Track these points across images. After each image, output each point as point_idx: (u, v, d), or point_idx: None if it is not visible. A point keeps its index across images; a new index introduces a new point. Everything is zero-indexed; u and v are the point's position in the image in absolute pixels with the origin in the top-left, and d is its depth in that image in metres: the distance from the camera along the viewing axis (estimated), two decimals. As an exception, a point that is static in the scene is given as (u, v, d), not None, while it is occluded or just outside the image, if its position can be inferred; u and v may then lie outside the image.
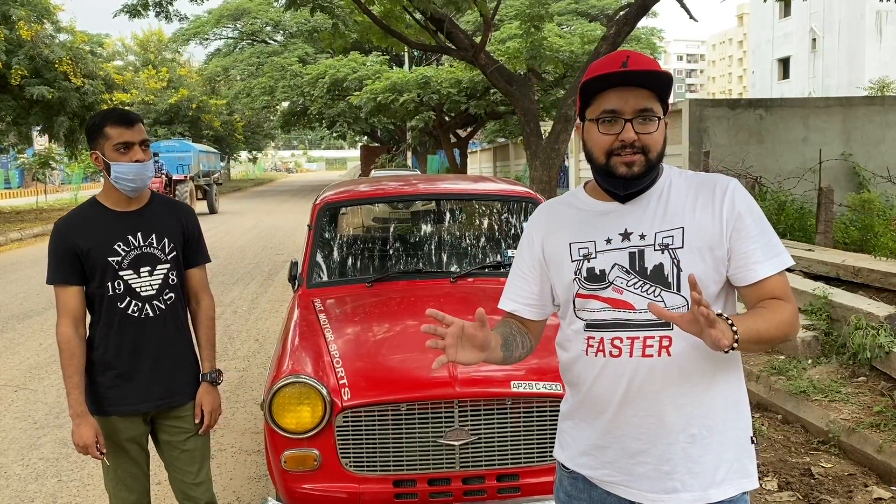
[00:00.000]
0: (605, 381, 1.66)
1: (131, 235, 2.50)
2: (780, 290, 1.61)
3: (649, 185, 1.67)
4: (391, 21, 12.38)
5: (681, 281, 1.60)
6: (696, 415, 1.62)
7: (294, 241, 15.25)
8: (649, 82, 1.60)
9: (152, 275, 2.53)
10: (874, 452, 3.94)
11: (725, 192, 1.64)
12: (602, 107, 1.62)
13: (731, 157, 11.49)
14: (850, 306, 5.40)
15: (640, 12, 10.75)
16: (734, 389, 1.67)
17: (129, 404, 2.54)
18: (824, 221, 8.27)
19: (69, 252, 2.46)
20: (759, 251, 1.61)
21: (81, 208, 2.58)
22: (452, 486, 2.75)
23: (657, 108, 1.62)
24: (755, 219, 1.63)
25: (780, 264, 1.61)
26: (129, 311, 2.50)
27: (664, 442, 1.63)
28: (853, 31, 34.00)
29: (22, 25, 17.69)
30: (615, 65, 1.60)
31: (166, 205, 2.67)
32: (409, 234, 4.62)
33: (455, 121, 27.69)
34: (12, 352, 6.96)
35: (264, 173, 79.80)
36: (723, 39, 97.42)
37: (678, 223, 1.63)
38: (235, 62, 33.01)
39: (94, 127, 2.46)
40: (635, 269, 1.63)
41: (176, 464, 2.67)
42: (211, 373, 2.68)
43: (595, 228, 1.69)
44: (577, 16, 27.37)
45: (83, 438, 2.45)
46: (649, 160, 1.62)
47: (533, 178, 11.55)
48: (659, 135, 1.63)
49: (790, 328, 1.59)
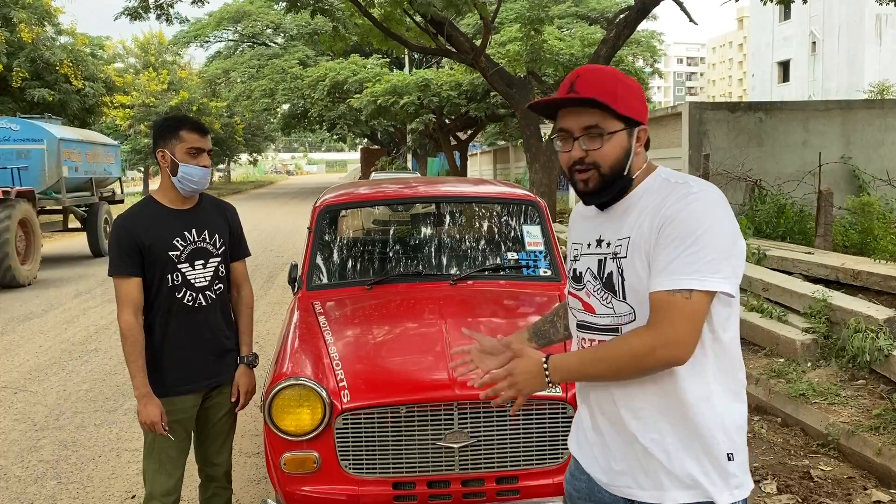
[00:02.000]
0: (579, 392, 1.84)
1: (188, 232, 2.75)
2: (653, 309, 1.55)
3: (619, 196, 1.70)
4: (391, 24, 12.40)
5: (625, 290, 1.64)
6: (651, 426, 1.62)
7: (294, 243, 15.26)
8: (596, 101, 1.62)
9: (205, 267, 2.78)
10: (873, 455, 3.94)
11: (674, 202, 1.59)
12: (558, 125, 1.70)
13: (731, 160, 11.50)
14: (849, 309, 5.40)
15: (640, 15, 10.78)
16: (711, 408, 1.61)
17: (188, 384, 2.77)
18: (824, 224, 8.28)
19: (132, 246, 2.66)
20: (660, 264, 1.55)
21: (140, 206, 2.81)
22: (452, 488, 2.75)
23: (606, 124, 1.64)
24: (682, 231, 1.54)
25: (670, 284, 1.52)
26: (185, 301, 2.74)
27: (624, 441, 1.68)
28: (853, 34, 34.03)
29: (23, 28, 17.72)
30: (565, 87, 1.68)
31: (214, 204, 2.93)
32: (409, 236, 4.62)
33: (455, 123, 27.72)
34: (13, 354, 6.96)
35: (264, 176, 79.87)
36: (723, 42, 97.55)
37: (627, 233, 1.66)
38: (236, 65, 33.06)
39: (169, 128, 2.69)
40: (599, 275, 1.71)
41: (207, 434, 2.92)
42: (249, 356, 2.94)
43: (585, 232, 1.80)
44: (577, 19, 27.42)
45: (150, 416, 2.64)
46: (602, 175, 1.66)
47: (533, 180, 11.57)
48: (610, 149, 1.64)
49: (629, 361, 1.55)
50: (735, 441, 1.64)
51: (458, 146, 30.39)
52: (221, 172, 58.16)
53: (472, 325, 3.36)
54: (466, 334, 1.73)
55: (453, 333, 3.11)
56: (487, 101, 23.45)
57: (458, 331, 3.17)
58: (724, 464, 1.61)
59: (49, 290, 10.25)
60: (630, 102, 1.66)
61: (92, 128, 21.95)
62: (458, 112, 24.95)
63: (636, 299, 1.62)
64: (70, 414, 5.19)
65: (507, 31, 20.59)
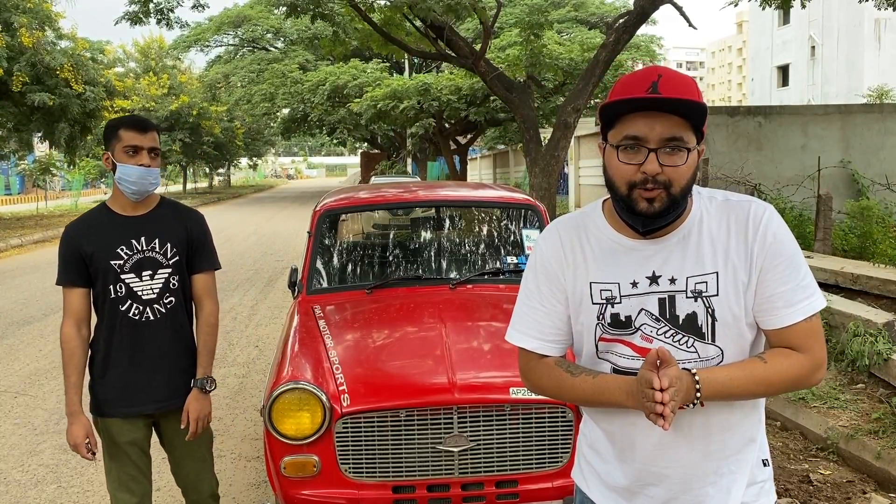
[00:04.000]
0: (638, 430, 1.56)
1: (134, 240, 2.56)
2: (800, 339, 1.48)
3: (673, 220, 1.51)
4: (391, 28, 12.43)
5: (716, 331, 1.49)
6: (725, 459, 1.58)
7: (294, 247, 15.26)
8: (682, 109, 1.43)
9: (153, 279, 2.58)
10: (873, 459, 3.94)
11: (759, 226, 1.49)
12: (625, 131, 1.45)
13: (731, 164, 11.51)
14: (848, 313, 5.41)
15: (640, 20, 10.79)
16: (758, 420, 1.63)
17: (129, 406, 2.59)
18: (823, 228, 8.29)
19: (75, 255, 2.54)
20: (787, 295, 1.47)
21: (90, 213, 2.66)
22: (451, 492, 2.75)
23: (689, 138, 1.44)
24: (787, 257, 1.48)
25: (807, 310, 1.47)
26: (131, 314, 2.56)
27: (697, 486, 1.57)
28: (852, 38, 34.08)
29: (23, 32, 17.72)
30: (643, 85, 1.43)
31: (174, 209, 2.71)
32: (409, 240, 4.63)
33: (455, 127, 27.74)
34: (12, 358, 6.96)
35: (264, 180, 79.89)
36: (722, 47, 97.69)
37: (711, 268, 1.50)
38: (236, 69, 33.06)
39: (110, 129, 2.55)
40: (665, 316, 1.51)
41: (181, 461, 2.75)
42: (202, 379, 2.67)
43: (619, 268, 1.54)
44: (576, 23, 27.47)
45: (74, 438, 2.54)
46: (672, 196, 1.45)
47: (532, 184, 11.57)
48: (687, 168, 1.45)
49: (787, 384, 1.50)
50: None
51: (457, 150, 30.41)
52: (222, 177, 58.20)
53: (472, 330, 3.37)
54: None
55: (453, 337, 3.12)
56: (487, 106, 23.47)
57: (457, 335, 3.18)
58: (762, 470, 1.65)
59: (49, 294, 10.25)
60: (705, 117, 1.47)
61: (93, 132, 21.97)
62: (457, 116, 24.96)
63: (728, 338, 1.50)
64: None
65: (507, 35, 20.63)
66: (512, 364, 2.97)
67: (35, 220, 22.47)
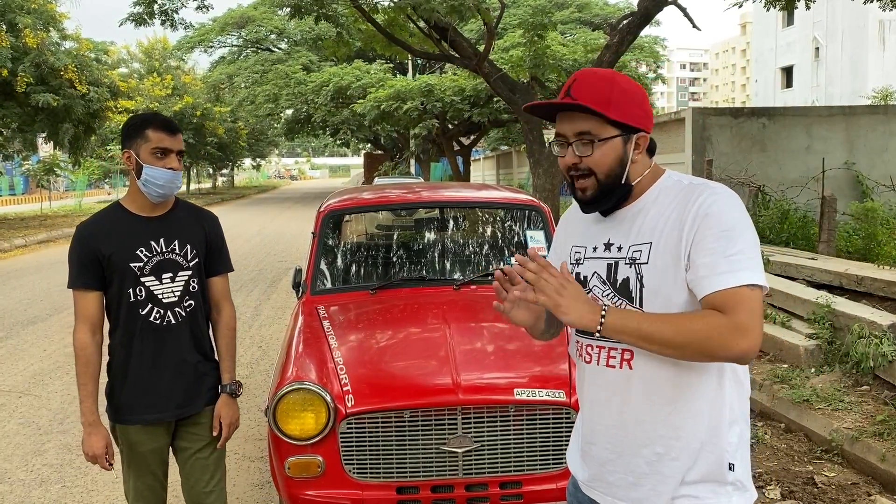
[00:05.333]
0: (585, 386, 1.76)
1: (154, 241, 2.48)
2: (722, 305, 1.49)
3: (619, 203, 1.68)
4: (395, 29, 12.44)
5: (643, 296, 1.60)
6: (660, 434, 1.60)
7: (298, 248, 15.28)
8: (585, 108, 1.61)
9: (174, 281, 2.50)
10: (877, 461, 3.93)
11: (697, 200, 1.57)
12: (556, 129, 1.69)
13: (734, 165, 11.50)
14: (853, 315, 5.40)
15: (643, 21, 10.79)
16: (709, 414, 1.60)
17: (151, 413, 2.51)
18: (827, 230, 8.27)
19: (91, 257, 2.42)
20: (710, 264, 1.51)
21: (105, 212, 2.55)
22: (455, 493, 2.76)
23: (599, 130, 1.61)
24: (719, 229, 1.53)
25: (726, 281, 1.49)
26: (151, 318, 2.47)
27: (629, 454, 1.65)
28: (856, 40, 34.03)
29: (28, 33, 17.75)
30: (562, 92, 1.66)
31: (190, 211, 2.64)
32: (413, 241, 4.64)
33: (458, 128, 27.76)
34: (17, 358, 6.97)
35: (268, 180, 80.00)
36: (726, 48, 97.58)
37: (647, 238, 1.62)
38: (239, 70, 33.10)
39: (135, 127, 2.43)
40: (609, 280, 1.67)
41: (190, 471, 2.63)
42: (231, 384, 2.65)
43: (590, 235, 1.75)
44: (580, 24, 27.48)
45: (93, 448, 2.43)
46: (599, 182, 1.64)
47: (535, 185, 11.58)
48: (601, 156, 1.62)
49: (701, 338, 1.48)
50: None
51: (461, 151, 30.43)
52: (225, 177, 58.28)
53: (475, 331, 3.37)
54: (507, 270, 1.71)
55: (457, 338, 3.12)
56: (490, 107, 23.48)
57: (461, 336, 3.18)
58: (724, 473, 1.62)
59: (53, 294, 10.27)
60: (627, 108, 1.61)
61: (96, 133, 22.00)
62: (461, 117, 24.98)
63: (654, 305, 1.59)
64: (74, 418, 5.19)
65: (511, 36, 20.65)
66: (516, 365, 2.98)
67: (39, 221, 22.52)
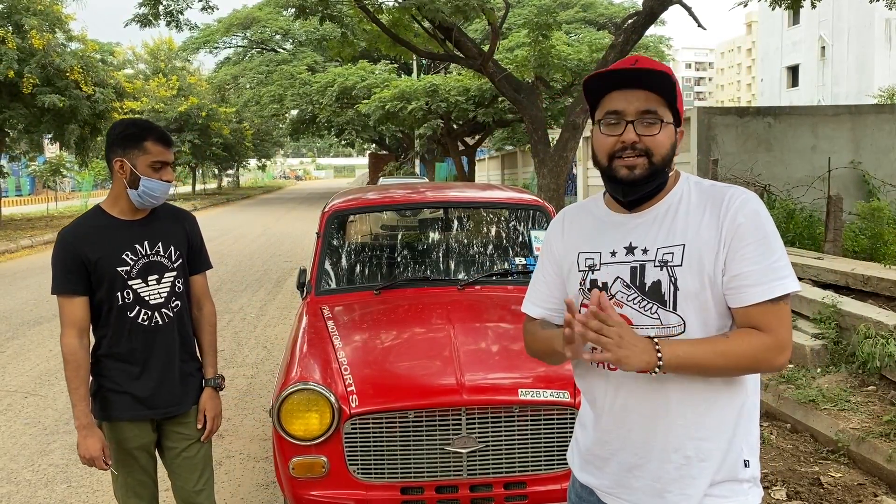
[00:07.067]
0: (606, 393, 1.68)
1: (139, 244, 2.52)
2: (764, 319, 1.52)
3: (655, 193, 1.64)
4: (399, 30, 12.45)
5: (677, 300, 1.57)
6: (692, 436, 1.59)
7: (302, 248, 15.29)
8: (655, 85, 1.58)
9: (160, 283, 2.55)
10: (884, 462, 3.91)
11: (730, 206, 1.57)
12: (607, 107, 1.62)
13: (740, 165, 11.47)
14: (859, 315, 5.38)
15: (648, 20, 10.78)
16: (735, 414, 1.62)
17: (139, 410, 2.55)
18: (833, 230, 8.24)
19: (77, 262, 2.44)
20: (753, 275, 1.52)
21: (86, 217, 2.57)
22: (460, 493, 2.75)
23: (662, 112, 1.60)
24: (758, 237, 1.54)
25: (771, 291, 1.51)
26: (139, 320, 2.52)
27: (658, 459, 1.62)
28: (862, 39, 33.90)
29: (34, 34, 17.81)
30: (624, 65, 1.60)
31: (170, 212, 2.68)
32: (417, 241, 4.64)
33: (463, 129, 27.75)
34: (23, 358, 7.00)
35: (273, 181, 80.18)
36: (731, 47, 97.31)
37: (680, 240, 1.59)
38: (245, 70, 33.17)
39: (132, 137, 2.45)
40: (635, 283, 1.61)
41: (178, 470, 2.67)
42: (214, 378, 2.71)
43: (603, 239, 1.68)
44: (585, 24, 27.44)
45: (89, 451, 2.45)
46: (653, 164, 1.59)
47: (541, 185, 11.57)
48: (664, 137, 1.60)
49: (749, 361, 1.52)
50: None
51: (465, 151, 30.41)
52: (230, 178, 58.39)
53: (480, 331, 3.37)
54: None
55: (461, 338, 3.12)
56: (495, 107, 23.46)
57: (465, 336, 3.18)
58: (741, 470, 1.62)
59: (59, 294, 10.30)
60: (680, 101, 1.63)
61: (102, 133, 22.06)
62: (465, 117, 24.97)
63: (689, 309, 1.56)
64: (80, 418, 5.21)
65: (515, 36, 20.63)
66: (520, 365, 2.97)
67: (45, 221, 22.61)
